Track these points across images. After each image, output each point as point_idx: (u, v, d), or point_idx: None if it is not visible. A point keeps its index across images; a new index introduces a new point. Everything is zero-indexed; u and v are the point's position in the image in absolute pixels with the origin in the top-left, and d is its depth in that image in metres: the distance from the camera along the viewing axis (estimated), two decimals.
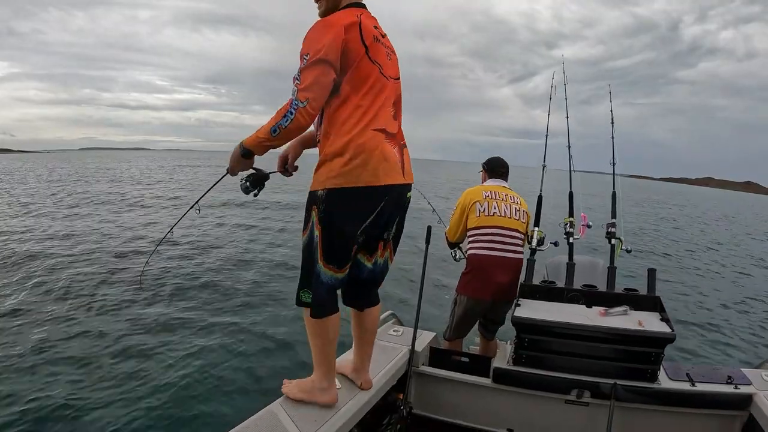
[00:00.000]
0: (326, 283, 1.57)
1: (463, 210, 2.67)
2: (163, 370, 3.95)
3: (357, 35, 1.44)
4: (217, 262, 7.75)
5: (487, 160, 2.88)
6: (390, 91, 1.57)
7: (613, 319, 2.06)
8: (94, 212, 13.48)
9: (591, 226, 2.73)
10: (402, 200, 1.65)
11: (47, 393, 3.51)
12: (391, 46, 1.61)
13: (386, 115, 1.55)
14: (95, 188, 21.29)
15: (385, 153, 1.52)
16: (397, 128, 1.60)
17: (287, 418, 1.58)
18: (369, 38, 1.48)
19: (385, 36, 1.59)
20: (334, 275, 1.57)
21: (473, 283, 2.57)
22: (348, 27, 1.43)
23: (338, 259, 1.56)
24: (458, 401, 2.25)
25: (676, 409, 1.97)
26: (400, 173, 1.58)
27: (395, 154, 1.56)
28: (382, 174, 1.51)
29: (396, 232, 1.74)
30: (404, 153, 1.63)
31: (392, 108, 1.58)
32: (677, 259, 11.05)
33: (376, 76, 1.50)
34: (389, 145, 1.54)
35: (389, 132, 1.55)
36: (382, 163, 1.50)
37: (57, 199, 16.63)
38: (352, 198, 1.49)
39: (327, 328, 1.61)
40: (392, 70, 1.58)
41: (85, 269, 7.07)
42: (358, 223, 1.53)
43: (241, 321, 5.12)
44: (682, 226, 19.53)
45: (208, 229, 10.73)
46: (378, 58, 1.51)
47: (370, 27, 1.51)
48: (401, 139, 1.63)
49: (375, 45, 1.50)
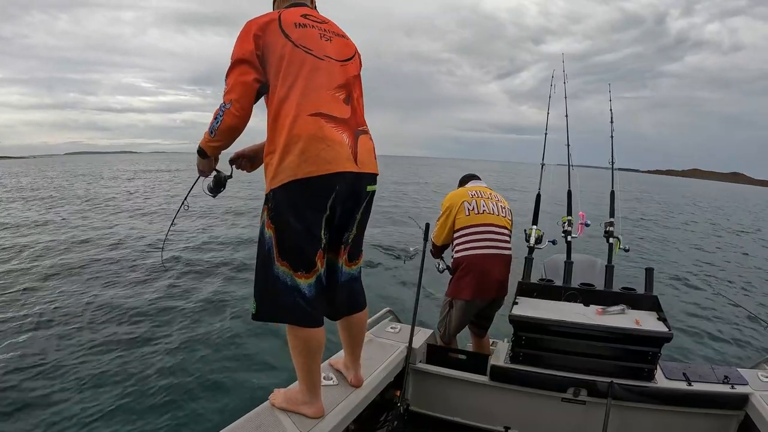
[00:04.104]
0: (288, 285, 1.45)
1: (450, 211, 2.63)
2: (157, 365, 3.95)
3: (276, 28, 1.45)
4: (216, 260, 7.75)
5: (459, 180, 2.97)
6: (330, 73, 1.48)
7: (611, 317, 2.06)
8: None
9: (589, 224, 2.73)
10: (358, 192, 1.50)
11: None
12: (332, 29, 1.57)
13: (326, 98, 1.45)
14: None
15: (326, 138, 1.40)
16: (348, 113, 1.49)
17: (284, 414, 1.58)
18: (289, 27, 1.47)
19: (325, 22, 1.57)
20: (294, 277, 1.45)
21: (471, 285, 2.52)
22: (263, 25, 1.45)
23: (296, 259, 1.45)
24: (455, 398, 2.26)
25: (673, 408, 1.97)
26: (350, 160, 1.44)
27: (343, 139, 1.44)
28: (325, 161, 1.39)
29: (356, 234, 1.61)
30: (360, 140, 1.49)
31: (338, 90, 1.48)
32: (676, 257, 11.06)
33: (302, 58, 1.45)
34: (333, 129, 1.43)
35: (334, 116, 1.44)
36: (323, 150, 1.39)
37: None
38: (297, 192, 1.40)
39: (306, 342, 1.51)
40: (332, 51, 1.52)
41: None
42: (310, 218, 1.43)
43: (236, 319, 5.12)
44: (680, 223, 19.57)
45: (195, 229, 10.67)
46: (305, 42, 1.46)
47: (293, 17, 1.49)
48: (357, 125, 1.51)
49: (299, 30, 1.48)
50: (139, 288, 6.12)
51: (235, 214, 13.30)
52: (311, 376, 1.57)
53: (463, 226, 2.59)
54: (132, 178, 32.46)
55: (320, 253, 1.49)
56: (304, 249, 1.45)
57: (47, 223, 11.42)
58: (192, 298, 5.78)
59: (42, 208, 14.70)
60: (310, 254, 1.46)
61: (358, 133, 1.51)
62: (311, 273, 1.48)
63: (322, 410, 1.61)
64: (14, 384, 3.60)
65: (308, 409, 1.58)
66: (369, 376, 1.92)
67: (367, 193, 1.55)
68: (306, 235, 1.44)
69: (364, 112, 1.60)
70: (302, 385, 1.58)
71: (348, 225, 1.57)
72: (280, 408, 1.61)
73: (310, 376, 1.56)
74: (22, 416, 3.21)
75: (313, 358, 1.54)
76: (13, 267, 7.14)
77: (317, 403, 1.60)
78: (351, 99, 1.52)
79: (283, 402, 1.63)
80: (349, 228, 1.58)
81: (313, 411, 1.58)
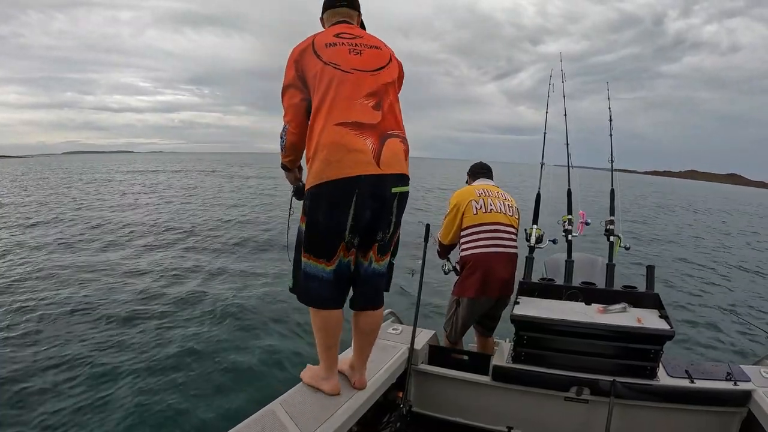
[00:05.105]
0: (309, 273, 1.63)
1: (458, 209, 2.62)
2: (158, 365, 3.96)
3: (311, 53, 1.61)
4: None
5: (470, 167, 2.93)
6: (358, 84, 1.58)
7: (612, 316, 2.06)
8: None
9: (590, 223, 2.73)
10: (382, 193, 1.58)
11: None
12: (366, 43, 1.67)
13: (353, 107, 1.55)
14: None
15: (348, 145, 1.52)
16: (378, 118, 1.58)
17: (287, 417, 1.58)
18: (321, 48, 1.61)
19: (359, 36, 1.68)
20: (316, 265, 1.61)
21: (478, 283, 2.53)
22: (301, 51, 1.63)
23: (319, 250, 1.61)
24: (458, 399, 2.25)
25: (675, 405, 1.97)
26: (371, 163, 1.53)
27: (365, 144, 1.53)
28: (347, 166, 1.51)
29: (391, 234, 1.68)
30: (388, 143, 1.58)
31: (367, 99, 1.58)
32: (676, 254, 11.06)
33: (331, 74, 1.57)
34: (356, 136, 1.53)
35: (361, 122, 1.54)
36: (345, 155, 1.51)
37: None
38: (323, 195, 1.55)
39: (324, 321, 1.69)
40: (360, 63, 1.61)
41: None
42: (335, 218, 1.55)
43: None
44: (681, 222, 19.57)
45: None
46: (333, 59, 1.59)
47: (326, 39, 1.64)
48: (387, 129, 1.60)
49: (329, 49, 1.61)
50: (140, 286, 6.14)
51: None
52: (329, 354, 1.74)
53: (470, 224, 2.59)
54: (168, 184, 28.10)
55: (343, 245, 1.61)
56: (326, 242, 1.60)
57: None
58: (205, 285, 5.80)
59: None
60: (331, 247, 1.61)
61: (386, 137, 1.59)
62: (332, 261, 1.62)
63: (338, 387, 1.78)
64: (20, 379, 3.65)
65: (326, 384, 1.77)
66: (371, 378, 1.92)
67: (393, 194, 1.62)
68: (329, 231, 1.58)
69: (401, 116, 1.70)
70: (321, 361, 1.77)
71: (379, 225, 1.64)
72: (305, 381, 1.82)
73: (327, 353, 1.74)
74: (21, 415, 3.24)
75: (330, 337, 1.71)
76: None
77: (333, 379, 1.78)
78: (382, 105, 1.60)
79: (308, 377, 1.84)
80: (382, 228, 1.65)
81: (329, 386, 1.76)
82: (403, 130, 1.67)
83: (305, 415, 1.61)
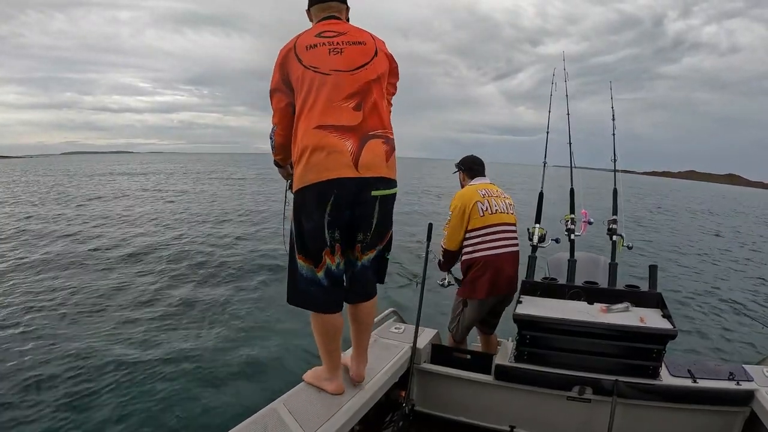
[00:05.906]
0: (306, 277, 1.62)
1: (463, 213, 2.57)
2: (159, 366, 3.96)
3: (292, 57, 1.60)
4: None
5: (462, 160, 2.83)
6: (337, 85, 1.54)
7: (615, 315, 2.06)
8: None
9: (592, 222, 2.73)
10: (360, 196, 1.55)
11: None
12: (348, 39, 1.62)
13: (332, 110, 1.53)
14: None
15: (327, 147, 1.50)
16: (358, 119, 1.54)
17: (289, 416, 1.58)
18: (302, 51, 1.60)
19: (342, 33, 1.63)
20: (310, 268, 1.61)
21: (488, 284, 2.51)
22: (285, 55, 1.62)
23: (306, 252, 1.60)
24: (460, 398, 2.25)
25: (678, 405, 1.97)
26: (349, 166, 1.51)
27: (344, 146, 1.51)
28: (325, 169, 1.50)
29: (372, 236, 1.65)
30: (368, 145, 1.54)
31: (347, 100, 1.54)
32: (678, 254, 11.04)
33: (311, 78, 1.55)
34: (335, 138, 1.51)
35: (341, 125, 1.52)
36: (324, 158, 1.50)
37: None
38: (304, 197, 1.56)
39: (324, 325, 1.69)
40: (340, 63, 1.57)
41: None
42: (314, 220, 1.55)
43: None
44: (680, 222, 19.54)
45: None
46: (313, 62, 1.57)
47: (307, 40, 1.62)
48: (369, 129, 1.56)
49: (309, 52, 1.59)
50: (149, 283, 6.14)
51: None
52: (331, 356, 1.75)
53: (477, 226, 2.56)
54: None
55: (327, 250, 1.60)
56: (311, 246, 1.59)
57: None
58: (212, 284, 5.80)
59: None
60: (316, 251, 1.59)
61: (367, 138, 1.55)
62: (320, 267, 1.61)
63: (342, 387, 1.78)
64: (21, 378, 3.63)
65: (329, 384, 1.77)
66: (374, 377, 1.93)
67: (374, 197, 1.57)
68: (312, 234, 1.57)
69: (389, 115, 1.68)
70: (324, 363, 1.78)
71: (359, 227, 1.63)
72: (308, 382, 1.82)
73: (329, 356, 1.75)
74: (22, 412, 3.24)
75: (330, 340, 1.72)
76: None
77: (337, 380, 1.77)
78: (363, 105, 1.57)
79: (311, 378, 1.83)
80: (362, 230, 1.63)
81: (333, 387, 1.76)
82: (388, 129, 1.63)
83: (307, 413, 1.61)
